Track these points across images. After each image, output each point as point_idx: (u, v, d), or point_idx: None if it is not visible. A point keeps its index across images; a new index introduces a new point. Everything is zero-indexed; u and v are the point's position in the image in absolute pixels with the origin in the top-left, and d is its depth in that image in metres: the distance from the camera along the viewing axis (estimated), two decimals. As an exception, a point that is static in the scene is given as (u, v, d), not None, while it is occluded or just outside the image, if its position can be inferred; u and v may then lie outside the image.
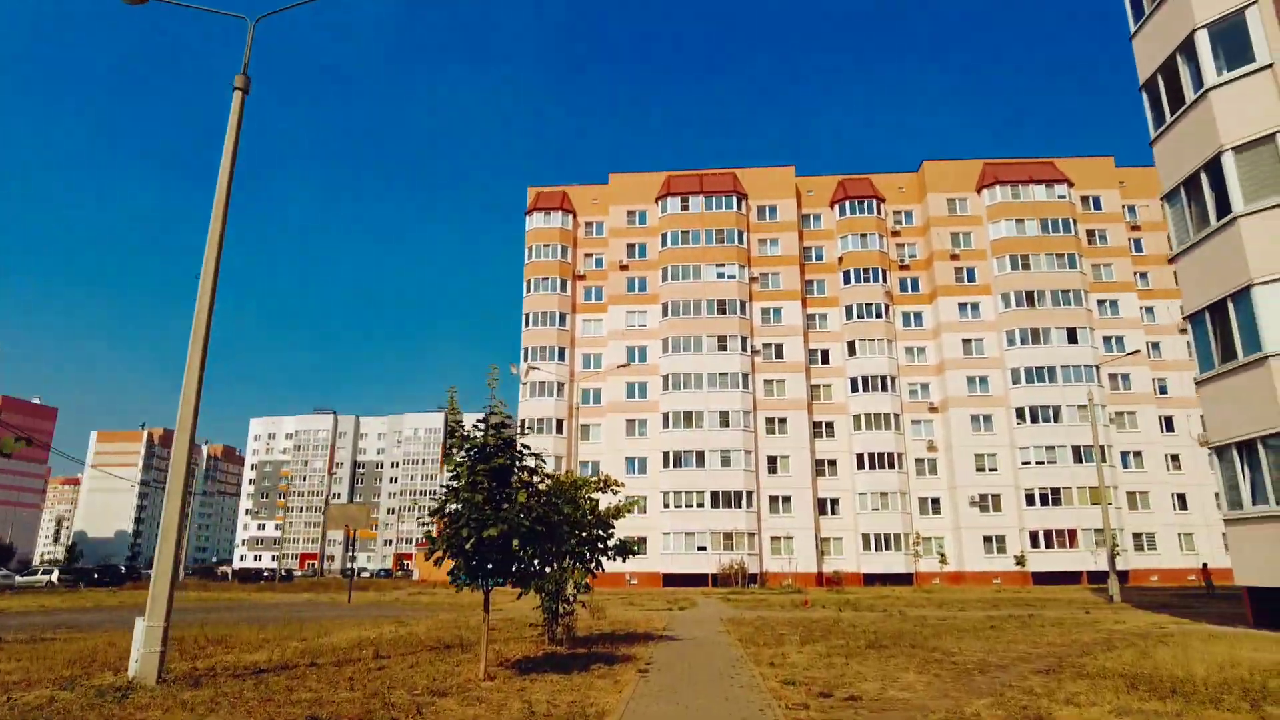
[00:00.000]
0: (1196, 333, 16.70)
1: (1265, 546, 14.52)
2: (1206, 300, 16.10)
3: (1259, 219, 14.78)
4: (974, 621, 18.95)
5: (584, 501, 13.49)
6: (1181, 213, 17.07)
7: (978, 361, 54.02)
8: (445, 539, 9.63)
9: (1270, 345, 14.42)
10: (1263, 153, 14.90)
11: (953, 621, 19.06)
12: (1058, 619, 19.36)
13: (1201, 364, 16.57)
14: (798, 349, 54.84)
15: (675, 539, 50.28)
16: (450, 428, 10.03)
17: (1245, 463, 15.24)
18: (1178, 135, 16.91)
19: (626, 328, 55.36)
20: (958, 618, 20.46)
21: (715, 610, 25.88)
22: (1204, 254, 16.14)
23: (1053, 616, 20.31)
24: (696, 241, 55.55)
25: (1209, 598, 32.37)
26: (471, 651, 12.96)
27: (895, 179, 59.52)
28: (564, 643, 13.86)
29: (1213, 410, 16.15)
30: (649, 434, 53.21)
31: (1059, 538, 49.55)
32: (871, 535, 51.50)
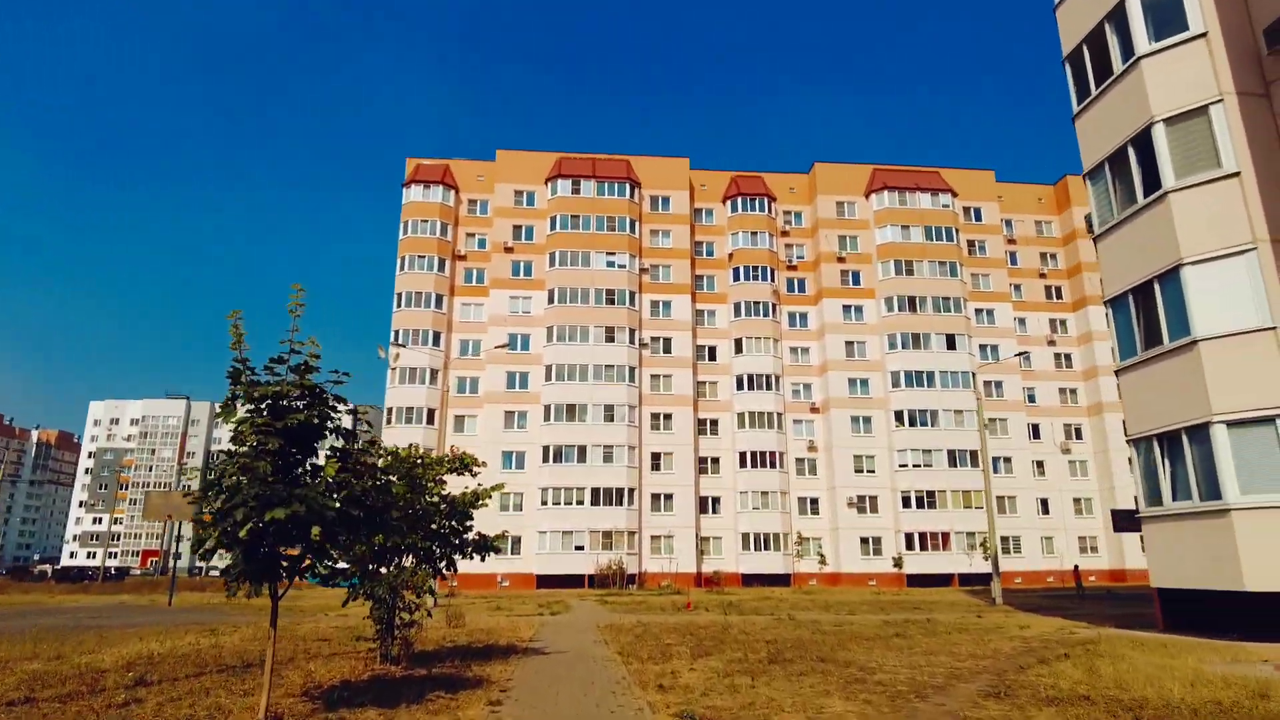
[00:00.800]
0: (1118, 318, 15.81)
1: (1186, 546, 13.62)
2: (1130, 282, 15.20)
3: (1190, 195, 13.92)
4: (873, 627, 17.41)
5: (431, 485, 10.77)
6: (1105, 190, 16.16)
7: (859, 364, 54.20)
8: (215, 524, 6.76)
9: (1200, 329, 13.55)
10: (1195, 126, 14.08)
11: (850, 627, 17.46)
12: (958, 624, 18.12)
13: (1122, 351, 15.69)
14: (686, 344, 53.37)
15: (552, 538, 47.63)
16: (234, 370, 7.16)
17: (1167, 456, 14.36)
18: (1104, 108, 16.00)
19: (509, 313, 52.26)
20: (853, 623, 18.93)
21: (591, 614, 23.50)
22: (1129, 233, 15.25)
23: (950, 621, 19.11)
24: (587, 227, 53.13)
25: (1080, 598, 32.77)
26: (279, 673, 10.03)
27: (787, 179, 59.18)
28: (401, 661, 11.06)
29: (1134, 400, 15.24)
30: (529, 427, 50.34)
31: (933, 540, 50.16)
32: (751, 535, 50.58)
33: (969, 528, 50.44)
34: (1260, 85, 13.89)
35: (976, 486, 51.20)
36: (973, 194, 59.77)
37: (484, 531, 11.79)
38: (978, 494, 51.09)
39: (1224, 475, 12.85)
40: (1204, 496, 13.33)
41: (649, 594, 39.22)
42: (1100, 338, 57.41)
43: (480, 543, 11.54)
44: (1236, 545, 12.54)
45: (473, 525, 11.72)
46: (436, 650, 13.10)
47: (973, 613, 23.04)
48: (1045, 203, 62.10)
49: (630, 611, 24.76)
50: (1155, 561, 14.70)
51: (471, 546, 11.55)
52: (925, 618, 20.76)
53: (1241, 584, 12.52)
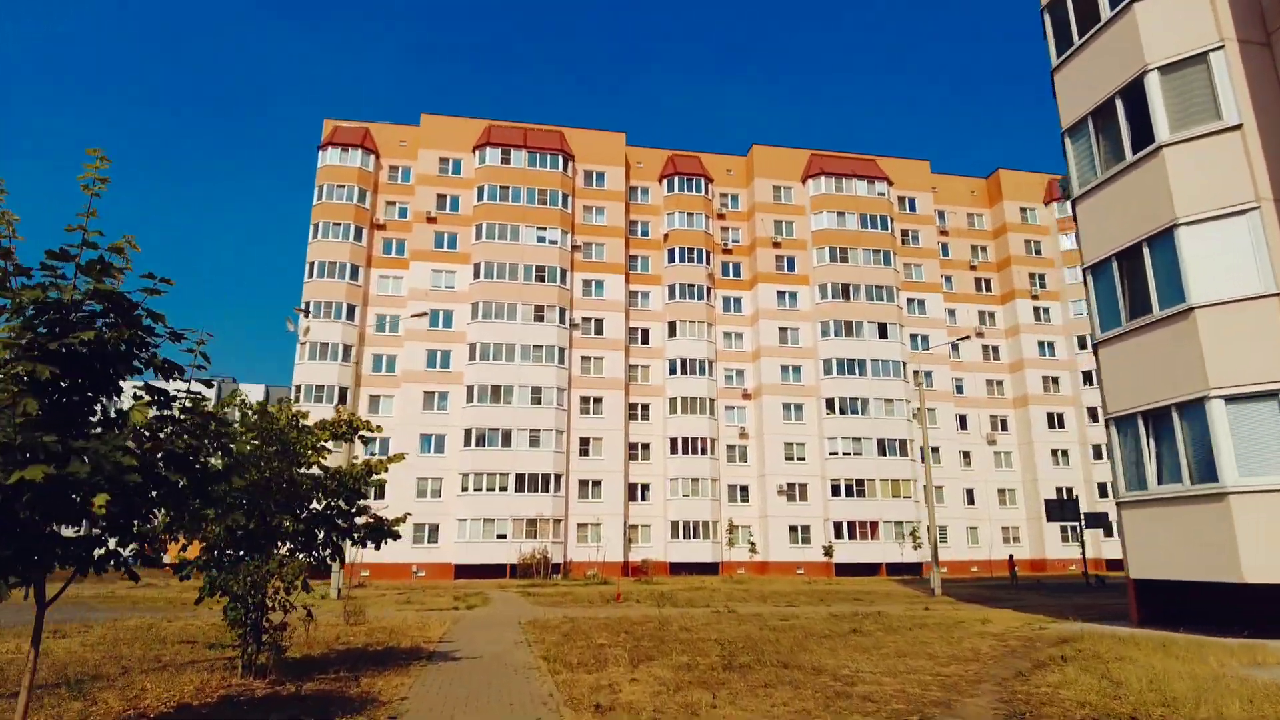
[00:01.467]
0: (1098, 286, 14.62)
1: (1174, 534, 12.51)
2: (1115, 246, 14.00)
3: (1187, 150, 12.77)
4: (822, 622, 15.91)
5: (309, 454, 8.55)
6: (1088, 148, 14.96)
7: (793, 350, 53.37)
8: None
9: (1196, 295, 12.40)
10: (1192, 75, 12.93)
11: (798, 622, 15.92)
12: (912, 618, 16.79)
13: (1103, 322, 14.50)
14: (618, 326, 51.47)
15: (473, 525, 45.15)
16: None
17: (1153, 435, 13.22)
18: (1089, 58, 14.76)
19: (431, 288, 49.30)
20: (799, 616, 17.42)
21: (513, 608, 21.43)
22: (1115, 193, 14.07)
23: (901, 614, 17.80)
24: (517, 200, 50.54)
25: (1015, 588, 32.42)
26: (95, 697, 7.69)
27: (724, 160, 57.82)
28: (269, 672, 8.79)
29: (1116, 375, 14.08)
30: (450, 409, 47.62)
31: (861, 529, 49.73)
32: (681, 523, 49.17)
33: (897, 517, 50.23)
34: (1262, 33, 12.82)
35: (905, 476, 51.09)
36: (908, 184, 59.62)
37: (381, 514, 9.61)
38: (906, 483, 50.99)
39: (1221, 456, 11.75)
40: (1197, 479, 12.23)
41: (575, 584, 37.30)
42: (1027, 331, 58.16)
43: (375, 527, 9.39)
44: (1235, 533, 11.45)
45: (367, 505, 9.54)
46: (323, 656, 10.86)
47: (918, 604, 21.92)
48: (978, 196, 62.52)
49: (556, 604, 22.78)
50: (1136, 551, 13.58)
51: (364, 531, 9.38)
52: (873, 610, 19.46)
53: (1240, 575, 11.46)
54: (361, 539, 9.37)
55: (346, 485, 9.03)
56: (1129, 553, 13.70)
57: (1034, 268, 59.74)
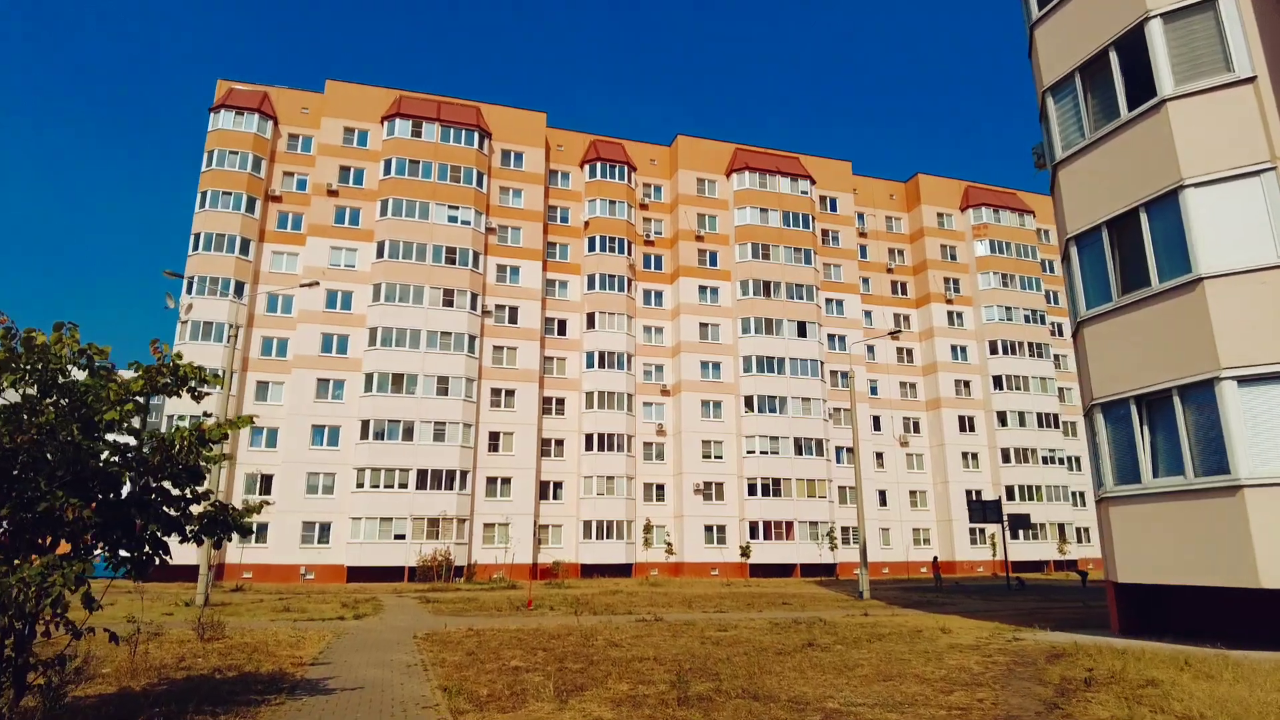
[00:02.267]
0: (1084, 258, 13.29)
1: (1172, 533, 11.19)
2: (1106, 213, 12.68)
3: (1194, 104, 11.54)
4: (766, 632, 14.06)
5: (112, 415, 5.96)
6: (1073, 108, 13.64)
7: (713, 347, 52.03)
8: None
9: (1205, 264, 11.13)
10: (1199, 23, 11.71)
11: (742, 634, 14.00)
12: (861, 626, 15.15)
13: (1089, 299, 13.17)
14: (534, 315, 48.87)
15: (368, 525, 41.70)
16: None
17: (1148, 423, 11.90)
18: (1079, 8, 13.40)
19: (329, 265, 45.48)
20: (739, 626, 15.53)
21: (409, 617, 18.80)
22: (1107, 155, 12.78)
23: (847, 623, 16.15)
24: (428, 175, 47.27)
25: (940, 591, 31.72)
26: None
27: (648, 149, 56.04)
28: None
29: (1104, 357, 12.73)
30: (347, 398, 43.98)
31: (777, 529, 48.74)
32: (595, 522, 46.98)
33: (813, 517, 49.52)
34: (1274, -21, 11.71)
35: (821, 476, 50.45)
36: (830, 184, 59.33)
37: (224, 500, 7.05)
38: (822, 484, 50.36)
39: (1234, 445, 10.49)
40: (1202, 471, 10.94)
41: (479, 588, 34.60)
42: (941, 335, 58.69)
43: (215, 518, 6.85)
44: (1249, 531, 10.18)
45: (206, 488, 7.00)
46: (145, 691, 8.18)
47: (853, 610, 20.44)
48: (897, 199, 62.87)
49: (459, 613, 20.22)
50: (1124, 551, 12.23)
51: (200, 524, 6.83)
52: (810, 616, 17.80)
53: (1255, 579, 10.19)
54: (196, 533, 6.82)
55: (177, 459, 6.48)
56: (1116, 554, 12.36)
57: (949, 273, 60.41)
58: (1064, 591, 30.96)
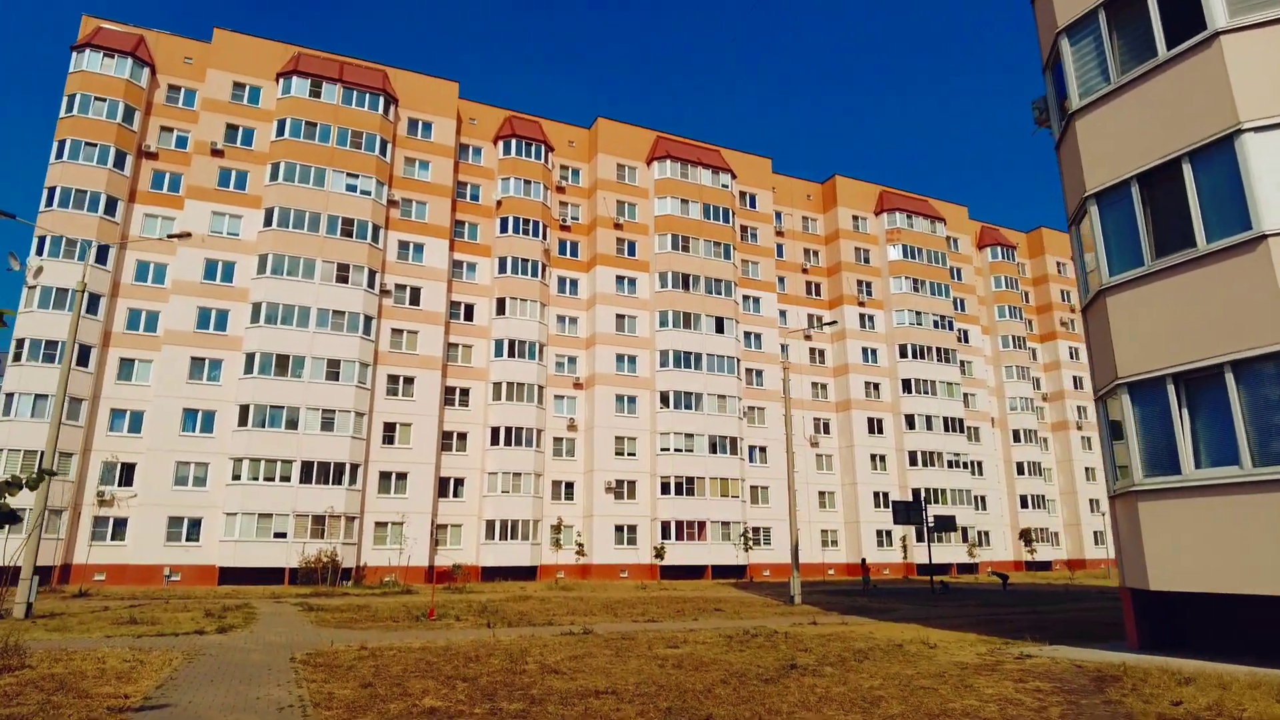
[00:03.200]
0: (1107, 219, 11.76)
1: (1219, 532, 9.68)
2: (1137, 165, 11.13)
3: (1252, 38, 10.07)
4: (735, 652, 11.96)
5: None
6: (1095, 49, 12.09)
7: (629, 339, 49.99)
8: None
9: (1271, 219, 9.58)
10: (1252, -51, 10.34)
11: (698, 651, 11.86)
12: (830, 639, 13.26)
13: (1112, 264, 11.58)
14: (439, 297, 45.50)
15: (245, 521, 37.49)
16: None
17: (1188, 405, 10.40)
18: (1102, -63, 11.90)
19: (210, 233, 40.83)
20: (691, 640, 13.38)
21: (288, 630, 15.78)
22: (1138, 100, 11.32)
23: (812, 635, 14.28)
24: (325, 139, 43.21)
25: (865, 594, 30.63)
26: None
27: (567, 130, 53.50)
28: None
29: (1133, 329, 11.16)
30: (225, 380, 39.52)
31: (689, 530, 47.12)
32: (498, 522, 44.06)
33: (725, 517, 48.16)
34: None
35: (734, 475, 49.19)
36: (750, 180, 58.37)
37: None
38: (735, 483, 49.11)
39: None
40: (1263, 461, 9.40)
41: (370, 593, 31.31)
42: (853, 337, 58.64)
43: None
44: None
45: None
46: None
47: (799, 617, 18.70)
48: (814, 200, 62.57)
49: (348, 624, 17.29)
50: (1156, 554, 10.58)
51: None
52: (760, 626, 15.87)
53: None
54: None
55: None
56: (1146, 556, 10.79)
57: (863, 275, 60.51)
58: (992, 594, 30.42)
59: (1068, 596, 29.04)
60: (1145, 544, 10.83)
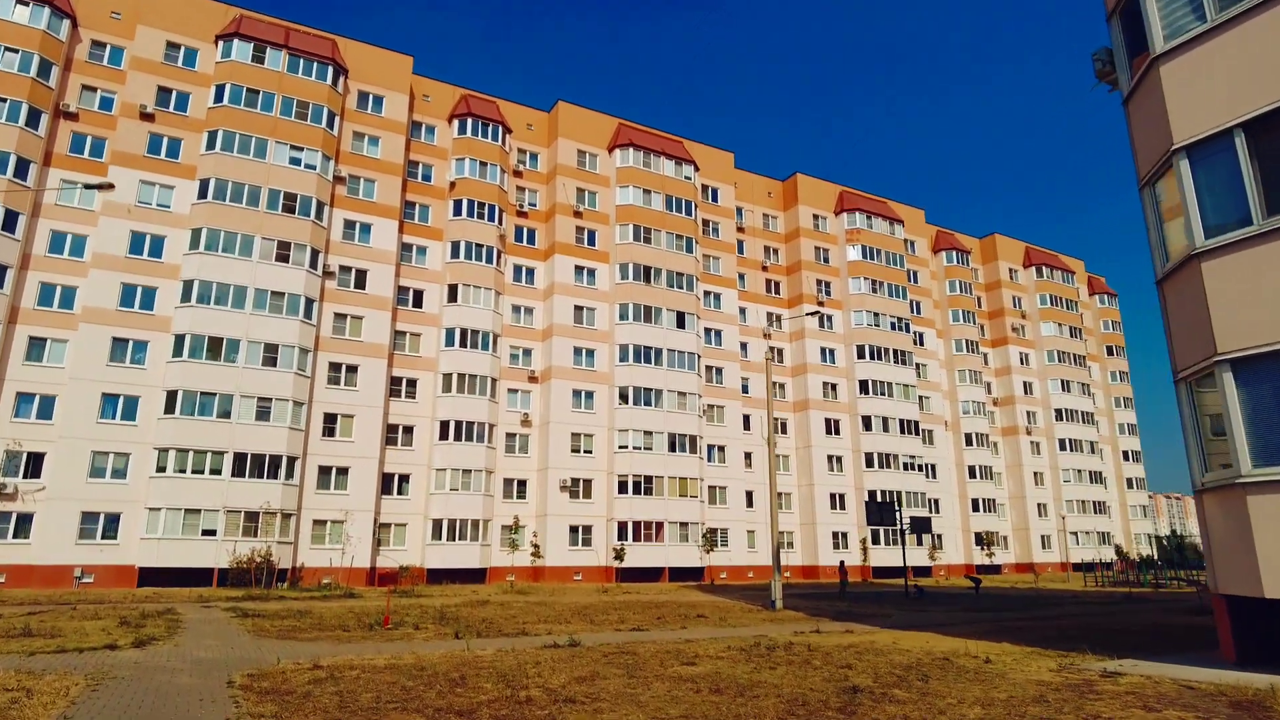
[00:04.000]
0: (1199, 174, 10.34)
1: None
2: (1243, 112, 9.80)
3: None
4: (765, 669, 10.26)
5: None
6: None
7: (588, 332, 48.07)
8: None
9: None
10: None
11: (733, 672, 10.13)
12: (864, 652, 11.66)
13: (1208, 225, 10.18)
14: (386, 281, 42.83)
15: (170, 517, 34.32)
16: None
17: None
18: None
19: (138, 203, 37.45)
20: (701, 654, 11.65)
21: (220, 643, 13.49)
22: (1245, 39, 9.97)
23: (832, 646, 12.66)
24: (269, 109, 40.20)
25: (843, 597, 29.37)
26: None
27: (526, 113, 51.30)
28: None
29: (1236, 298, 9.75)
30: (150, 363, 36.23)
31: (646, 530, 45.42)
32: (446, 521, 41.62)
33: (683, 518, 46.63)
34: None
35: (693, 474, 47.70)
36: (712, 173, 57.08)
37: None
38: (694, 482, 47.62)
39: None
40: None
41: (309, 596, 28.76)
42: (812, 336, 57.81)
43: None
44: None
45: None
46: None
47: (797, 625, 17.14)
48: (774, 197, 61.64)
49: (291, 634, 15.05)
50: (1271, 555, 9.27)
51: None
52: (760, 636, 14.24)
53: None
54: None
55: None
56: (1260, 558, 9.33)
57: (822, 275, 59.80)
58: (968, 598, 29.44)
59: (1051, 601, 28.30)
60: (1257, 544, 9.52)
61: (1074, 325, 73.91)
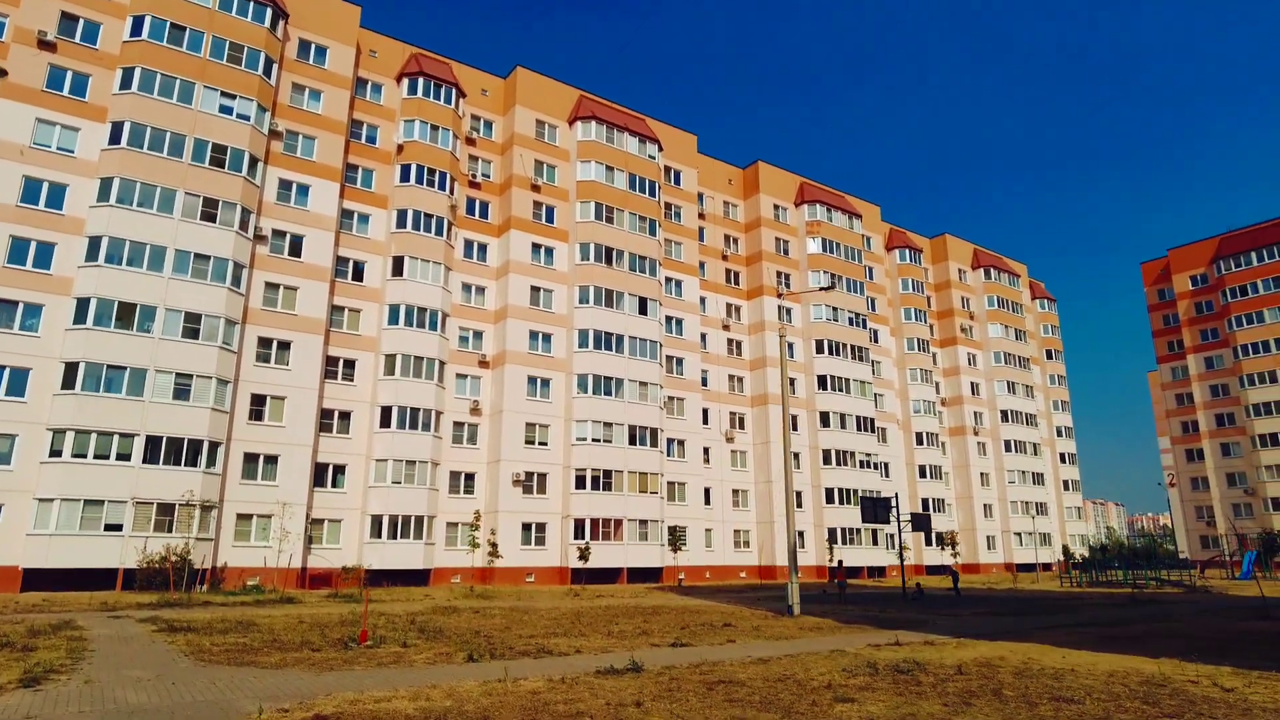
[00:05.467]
0: None
1: None
2: None
3: None
4: (932, 702, 7.50)
5: None
6: None
7: (545, 315, 44.73)
8: None
9: None
10: None
11: (897, 710, 7.35)
12: (992, 666, 9.05)
13: None
14: (324, 249, 38.55)
15: (66, 509, 29.40)
16: None
17: None
18: None
19: (34, 145, 32.21)
20: (830, 684, 8.84)
21: (150, 671, 9.96)
22: None
23: (952, 664, 10.03)
24: (196, 48, 35.42)
25: (841, 600, 27.06)
26: None
27: (481, 77, 47.57)
28: None
29: None
30: (45, 331, 31.12)
31: (605, 528, 42.40)
32: (387, 517, 37.64)
33: (643, 515, 43.82)
34: None
35: (653, 469, 44.96)
36: (675, 155, 54.51)
37: None
38: (654, 478, 44.89)
39: None
40: None
41: (240, 601, 24.71)
42: (772, 329, 55.87)
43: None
44: None
45: None
46: None
47: (854, 635, 14.53)
48: (735, 185, 59.51)
49: (245, 657, 11.53)
50: None
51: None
52: (836, 650, 11.54)
53: None
54: None
55: None
56: None
57: (782, 267, 57.96)
58: (979, 602, 27.54)
59: (1062, 603, 26.70)
60: None
61: (1018, 328, 74.51)
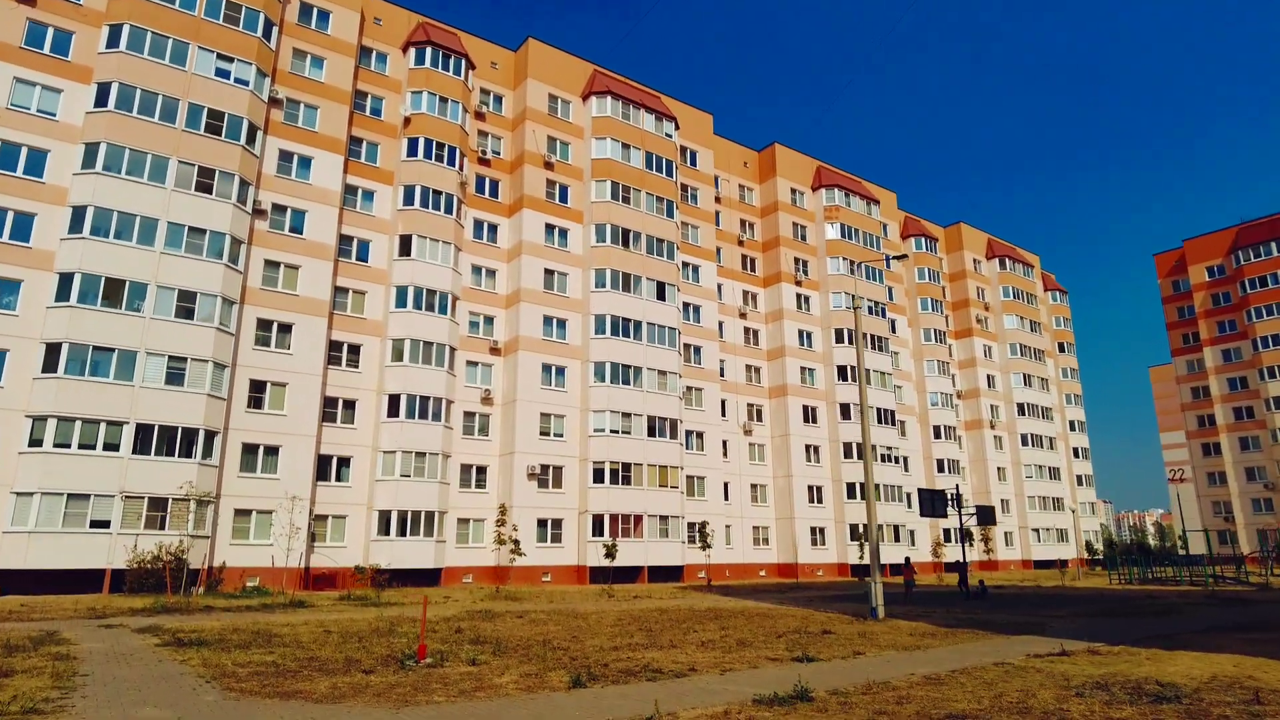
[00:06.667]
0: None
1: None
2: None
3: None
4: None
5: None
6: None
7: (559, 299, 42.30)
8: None
9: None
10: None
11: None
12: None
13: None
14: (328, 226, 35.98)
15: (47, 504, 26.72)
16: None
17: None
18: None
19: (10, 106, 29.44)
20: (1030, 702, 6.56)
21: (163, 703, 7.48)
22: None
23: (1193, 676, 7.75)
24: (190, 6, 32.69)
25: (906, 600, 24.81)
26: None
27: (491, 49, 45.02)
28: None
29: None
30: (24, 309, 28.37)
31: (624, 524, 40.02)
32: (396, 513, 35.12)
33: (663, 510, 41.46)
34: None
35: (674, 462, 42.61)
36: (691, 135, 52.14)
37: None
38: (674, 471, 42.56)
39: None
40: None
41: (246, 606, 22.16)
42: (790, 318, 53.67)
43: None
44: None
45: None
46: None
47: (981, 644, 12.24)
48: (750, 168, 57.22)
49: (285, 684, 9.11)
50: None
51: None
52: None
53: None
54: None
55: None
56: None
57: (799, 253, 55.78)
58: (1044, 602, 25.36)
59: (1141, 604, 24.57)
60: None
61: (1033, 319, 72.69)
